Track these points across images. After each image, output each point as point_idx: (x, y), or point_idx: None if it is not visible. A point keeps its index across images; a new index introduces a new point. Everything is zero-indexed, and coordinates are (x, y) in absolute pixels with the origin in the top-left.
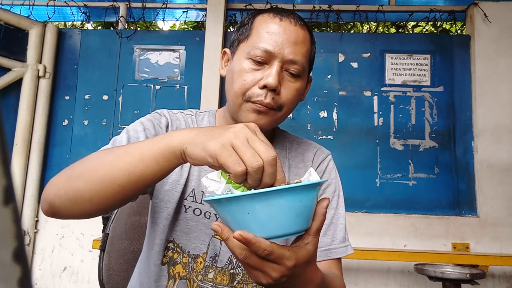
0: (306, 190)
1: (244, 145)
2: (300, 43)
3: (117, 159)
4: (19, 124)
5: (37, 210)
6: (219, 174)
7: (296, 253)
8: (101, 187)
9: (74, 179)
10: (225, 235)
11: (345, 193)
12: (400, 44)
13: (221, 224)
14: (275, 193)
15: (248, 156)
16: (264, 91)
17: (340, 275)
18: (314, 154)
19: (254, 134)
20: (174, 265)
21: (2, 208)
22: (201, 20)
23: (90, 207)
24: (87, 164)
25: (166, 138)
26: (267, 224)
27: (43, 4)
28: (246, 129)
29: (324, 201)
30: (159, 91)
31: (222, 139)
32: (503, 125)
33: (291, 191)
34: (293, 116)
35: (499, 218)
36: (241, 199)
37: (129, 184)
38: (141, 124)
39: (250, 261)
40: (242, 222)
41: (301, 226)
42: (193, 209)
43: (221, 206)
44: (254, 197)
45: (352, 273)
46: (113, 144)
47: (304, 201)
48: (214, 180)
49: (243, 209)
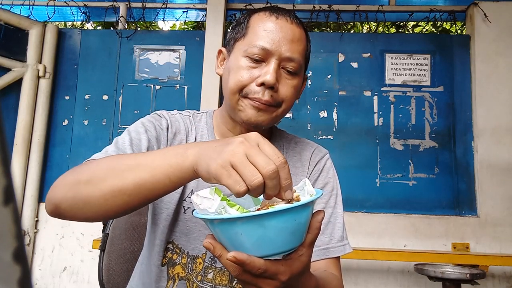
0: (301, 209)
1: (243, 163)
2: (297, 41)
3: (128, 171)
4: (19, 124)
5: (37, 210)
6: (212, 191)
7: (290, 267)
8: (110, 196)
9: (82, 184)
10: (218, 253)
11: (345, 193)
12: (400, 44)
13: (212, 242)
14: (269, 216)
15: (246, 175)
16: (262, 89)
17: (338, 274)
18: (311, 154)
19: (254, 147)
20: (173, 266)
21: (2, 208)
22: (201, 20)
23: (96, 213)
24: (96, 170)
25: (178, 155)
26: (261, 244)
27: (43, 4)
28: (245, 143)
29: (319, 214)
30: (159, 91)
31: (221, 160)
32: (503, 125)
33: (284, 212)
34: (293, 116)
35: (499, 218)
36: (234, 221)
37: (138, 197)
38: (143, 126)
39: (244, 278)
40: (235, 241)
41: (295, 243)
42: (192, 210)
43: (214, 225)
44: (248, 219)
45: (352, 273)
46: (116, 145)
47: (299, 219)
48: (207, 198)
49: (236, 229)
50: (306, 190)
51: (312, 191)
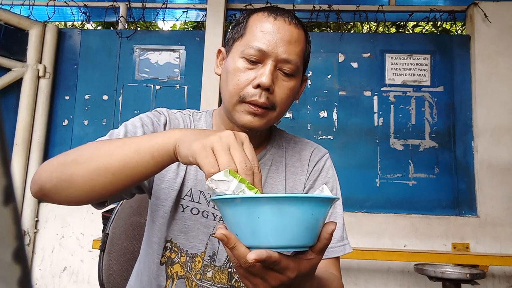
0: (320, 203)
1: (223, 150)
2: (294, 42)
3: (114, 149)
4: (19, 124)
5: (37, 210)
6: (227, 173)
7: (299, 265)
8: (95, 174)
9: (68, 164)
10: (232, 243)
11: (345, 193)
12: (400, 44)
13: (226, 233)
14: (290, 200)
15: (222, 160)
16: (258, 91)
17: (338, 274)
18: (311, 153)
19: (238, 144)
20: (172, 265)
21: (2, 208)
22: (201, 20)
23: (80, 193)
24: (83, 151)
25: (163, 135)
26: (276, 232)
27: (43, 4)
28: (232, 136)
29: (331, 224)
30: (159, 91)
31: (205, 141)
32: (503, 125)
33: (305, 200)
34: (293, 116)
35: (499, 218)
36: (255, 201)
37: (122, 175)
38: (140, 120)
39: (253, 269)
40: (250, 226)
41: (307, 240)
42: (190, 208)
43: (231, 206)
44: (269, 200)
45: (352, 273)
46: (110, 136)
47: (316, 215)
48: (222, 180)
49: (254, 212)
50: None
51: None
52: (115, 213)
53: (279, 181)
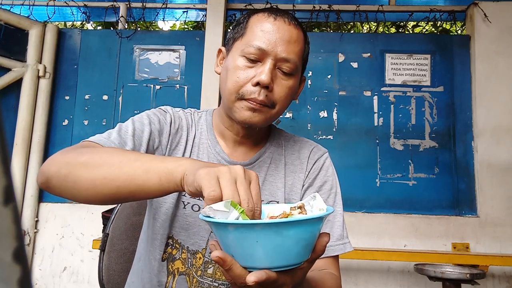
0: (317, 221)
1: (230, 181)
2: (294, 42)
3: (126, 162)
4: (19, 124)
5: (37, 210)
6: (228, 203)
7: (293, 277)
8: (100, 182)
9: (78, 165)
10: (228, 266)
11: (345, 193)
12: (400, 44)
13: (222, 255)
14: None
15: (227, 191)
16: (257, 88)
17: (336, 273)
18: (310, 151)
19: (246, 180)
20: (173, 261)
21: (2, 208)
22: (201, 20)
23: (83, 196)
24: (96, 154)
25: (175, 162)
26: (274, 253)
27: (43, 4)
28: (241, 171)
29: (325, 237)
30: (159, 91)
31: (213, 169)
32: (503, 125)
33: (304, 223)
34: (293, 116)
35: (499, 218)
36: (253, 227)
37: (127, 190)
38: (147, 117)
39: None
40: (249, 249)
41: (303, 257)
42: (191, 205)
43: (227, 231)
44: (266, 226)
45: (352, 273)
46: (118, 130)
47: (314, 231)
48: (221, 211)
49: (253, 237)
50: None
51: (323, 206)
52: (115, 213)
53: (278, 179)
